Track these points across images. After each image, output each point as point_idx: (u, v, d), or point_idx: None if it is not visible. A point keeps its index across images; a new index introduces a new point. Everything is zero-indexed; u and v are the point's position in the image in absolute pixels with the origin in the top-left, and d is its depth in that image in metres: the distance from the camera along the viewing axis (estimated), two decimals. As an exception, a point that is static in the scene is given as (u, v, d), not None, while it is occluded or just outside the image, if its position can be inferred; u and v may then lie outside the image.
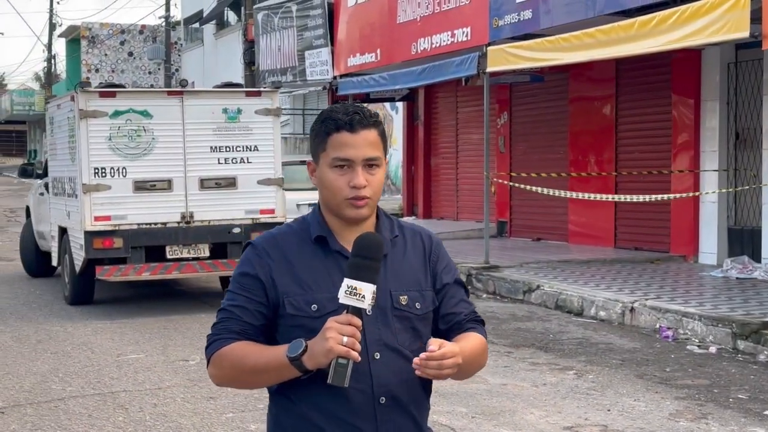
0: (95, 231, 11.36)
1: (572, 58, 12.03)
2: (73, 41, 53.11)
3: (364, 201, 2.68)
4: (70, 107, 11.92)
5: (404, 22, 16.42)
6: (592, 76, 16.13)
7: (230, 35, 36.86)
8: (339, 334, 2.45)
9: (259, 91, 12.36)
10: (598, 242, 16.26)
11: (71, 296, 12.31)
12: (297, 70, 20.17)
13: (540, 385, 8.17)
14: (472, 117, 20.33)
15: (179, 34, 46.00)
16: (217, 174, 11.81)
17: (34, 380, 8.51)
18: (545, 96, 17.64)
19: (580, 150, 16.62)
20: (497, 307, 12.12)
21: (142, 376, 8.59)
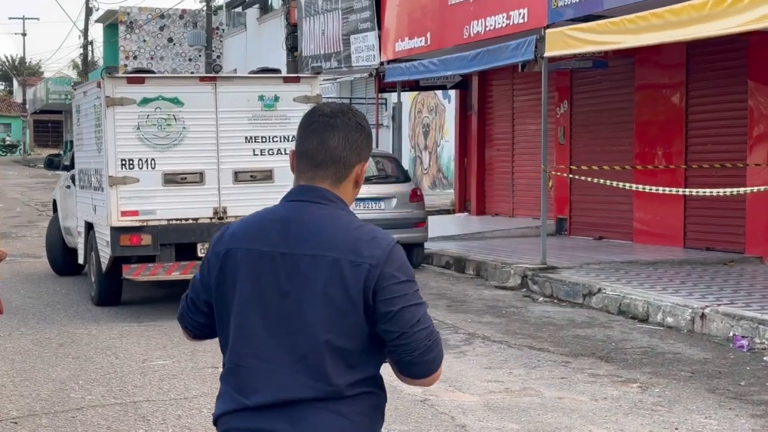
0: (122, 227, 11.20)
1: (639, 41, 11.65)
2: (111, 26, 53.36)
3: None
4: (96, 94, 11.76)
5: (456, 3, 16.10)
6: (660, 61, 15.72)
7: (274, 20, 36.76)
8: None
9: (297, 77, 12.11)
10: (665, 241, 15.84)
11: (97, 296, 12.17)
12: (342, 56, 19.93)
13: (600, 399, 7.83)
14: (530, 106, 19.97)
15: (221, 19, 46.03)
16: (253, 166, 11.59)
17: (52, 387, 8.34)
18: (609, 83, 17.25)
19: (646, 141, 16.21)
20: (554, 312, 11.78)
21: (167, 384, 8.38)
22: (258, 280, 2.84)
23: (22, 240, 20.22)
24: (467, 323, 11.08)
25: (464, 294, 13.23)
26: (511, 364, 9.07)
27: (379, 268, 2.77)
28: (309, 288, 2.79)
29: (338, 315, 2.77)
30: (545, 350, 9.64)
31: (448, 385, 8.29)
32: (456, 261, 15.59)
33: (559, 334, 10.44)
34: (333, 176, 2.89)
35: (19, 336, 10.50)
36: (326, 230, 2.82)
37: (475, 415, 7.41)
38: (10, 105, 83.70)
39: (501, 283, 13.92)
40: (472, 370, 8.84)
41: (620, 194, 15.22)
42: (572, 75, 17.96)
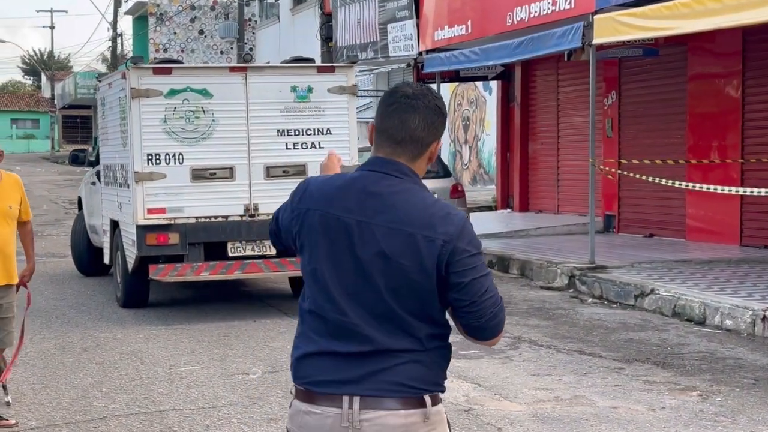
0: (148, 225, 10.98)
1: (695, 27, 11.26)
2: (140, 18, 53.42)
3: None
4: (121, 86, 11.55)
5: (499, -11, 15.76)
6: (715, 48, 15.31)
7: (308, 10, 36.50)
8: None
9: (332, 67, 11.83)
10: (720, 239, 15.43)
11: (123, 298, 11.97)
12: (378, 46, 19.64)
13: (658, 409, 7.50)
14: (576, 97, 19.57)
15: (253, 10, 45.88)
16: (285, 161, 11.34)
17: (74, 395, 8.13)
18: (660, 72, 16.84)
19: (700, 134, 15.79)
20: (605, 314, 11.43)
21: (195, 392, 8.14)
22: (334, 242, 3.17)
23: (47, 239, 20.12)
24: (513, 326, 10.76)
25: (509, 295, 12.90)
26: (561, 370, 8.75)
27: (452, 244, 3.10)
28: (383, 256, 3.12)
29: (410, 283, 3.12)
30: (596, 355, 9.31)
31: (493, 393, 8.00)
32: (499, 260, 15.27)
33: (611, 338, 10.11)
34: (410, 153, 3.22)
35: (41, 340, 10.31)
36: (403, 205, 3.14)
37: (523, 426, 7.11)
38: (38, 100, 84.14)
39: (547, 283, 13.59)
40: (519, 377, 8.54)
41: (672, 189, 14.81)
42: (620, 64, 17.56)
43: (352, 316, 3.15)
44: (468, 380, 8.44)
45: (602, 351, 9.48)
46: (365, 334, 3.13)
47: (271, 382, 8.40)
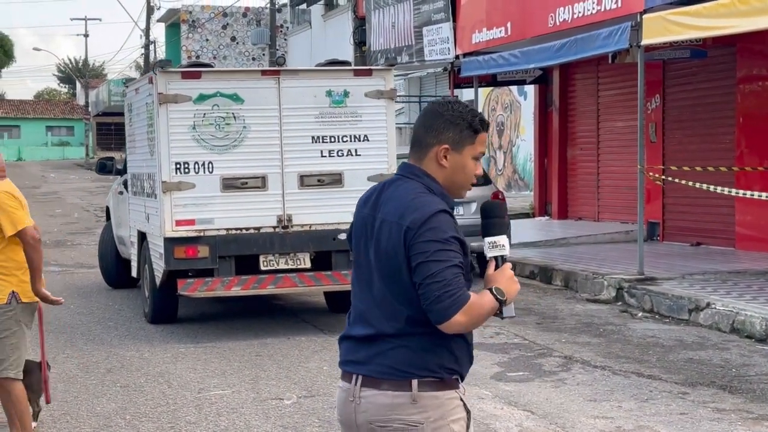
0: (177, 237, 10.29)
1: (754, 25, 10.47)
2: (173, 26, 53.05)
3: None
4: (148, 91, 10.89)
5: (540, -11, 14.99)
6: (767, 50, 14.47)
7: (340, 16, 35.93)
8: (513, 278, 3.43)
9: (369, 70, 11.10)
10: (772, 248, 14.59)
11: (151, 314, 11.30)
12: (414, 50, 18.92)
13: (732, 443, 6.72)
14: (617, 101, 18.84)
15: (285, 17, 45.37)
16: (320, 169, 10.62)
17: (95, 424, 7.45)
18: (706, 75, 16.04)
19: (750, 139, 14.98)
20: (659, 330, 10.64)
21: (225, 421, 7.43)
22: (360, 237, 3.53)
23: (77, 248, 19.53)
24: (562, 344, 10.01)
25: (554, 308, 12.14)
26: (619, 395, 7.98)
27: (414, 230, 3.31)
28: (377, 245, 3.43)
29: (392, 267, 3.38)
30: (656, 377, 8.53)
31: (548, 423, 7.25)
32: (541, 270, 14.50)
33: (669, 358, 9.32)
34: (415, 154, 3.51)
35: (65, 360, 9.64)
36: (396, 199, 3.43)
37: (585, 463, 6.35)
38: (73, 108, 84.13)
39: (593, 295, 12.81)
40: (574, 403, 7.77)
41: (720, 196, 14.01)
42: (665, 67, 16.77)
43: (365, 302, 3.49)
44: (519, 407, 7.70)
45: (662, 373, 8.71)
46: (369, 319, 3.44)
47: (307, 409, 7.68)
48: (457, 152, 3.44)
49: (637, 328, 10.79)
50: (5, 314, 6.40)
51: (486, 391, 8.18)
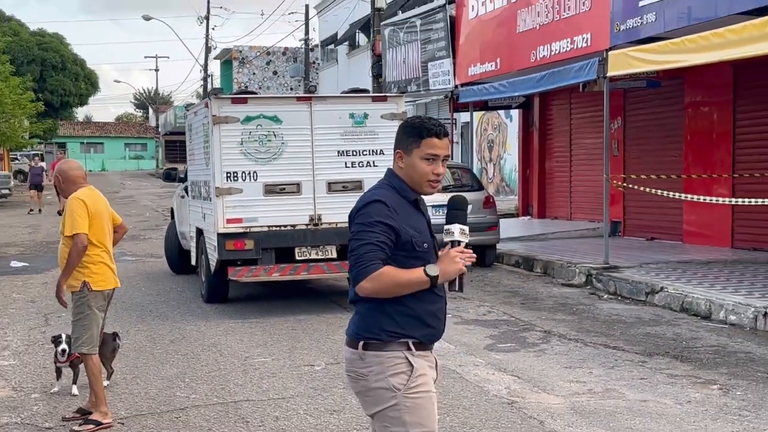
0: (227, 233, 10.15)
1: (700, 60, 10.25)
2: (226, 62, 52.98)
3: (438, 184, 3.45)
4: (204, 114, 10.74)
5: (524, 31, 14.78)
6: (709, 81, 14.26)
7: (361, 54, 35.77)
8: (461, 259, 3.34)
9: (385, 96, 10.93)
10: (714, 242, 14.38)
11: (207, 295, 11.15)
12: (420, 81, 18.73)
13: (684, 403, 6.53)
14: (586, 123, 18.62)
15: (317, 55, 45.22)
16: (345, 177, 10.46)
17: (160, 386, 7.29)
18: (660, 101, 15.82)
19: (695, 153, 14.77)
20: (621, 310, 10.45)
21: (266, 383, 7.28)
22: None
23: (148, 241, 19.41)
24: (542, 321, 9.82)
25: (535, 291, 11.96)
26: (590, 363, 7.80)
27: (351, 216, 3.41)
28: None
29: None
30: (620, 348, 8.35)
31: (532, 386, 7.07)
32: (524, 260, 14.31)
33: (630, 332, 9.13)
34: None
35: (136, 333, 9.50)
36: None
37: (563, 419, 6.17)
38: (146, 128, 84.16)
39: (567, 280, 12.63)
40: (553, 370, 7.60)
41: (671, 199, 13.82)
42: (625, 95, 16.55)
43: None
44: (508, 372, 7.52)
45: (625, 345, 8.52)
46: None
47: (333, 373, 7.52)
48: (407, 155, 3.42)
49: (604, 308, 10.60)
50: (79, 299, 6.27)
51: (480, 359, 8.01)
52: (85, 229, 6.18)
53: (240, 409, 6.57)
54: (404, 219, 3.37)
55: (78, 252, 6.15)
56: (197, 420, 6.33)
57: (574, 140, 19.16)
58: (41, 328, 9.70)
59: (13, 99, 33.41)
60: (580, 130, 18.90)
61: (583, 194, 18.71)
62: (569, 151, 19.36)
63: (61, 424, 6.29)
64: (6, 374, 7.76)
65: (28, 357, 8.40)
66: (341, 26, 37.71)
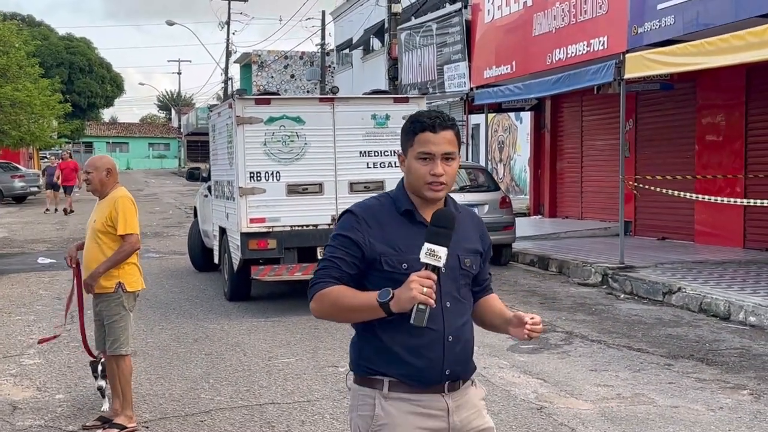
0: (250, 232, 9.75)
1: (719, 62, 9.79)
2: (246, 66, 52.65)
3: (441, 186, 2.74)
4: (228, 114, 10.34)
5: (539, 34, 14.34)
6: (721, 84, 13.79)
7: (375, 59, 35.35)
8: (420, 285, 2.52)
9: (406, 98, 10.51)
10: (725, 242, 13.91)
11: (230, 293, 10.76)
12: (436, 83, 18.30)
13: (716, 409, 6.10)
14: (597, 124, 18.14)
15: (332, 59, 44.80)
16: (366, 178, 10.05)
17: (184, 387, 6.90)
18: (671, 104, 15.34)
19: (706, 155, 14.28)
20: (640, 310, 10.01)
21: (291, 385, 6.88)
22: None
23: (171, 239, 19.03)
24: (563, 321, 9.39)
25: (553, 291, 11.52)
26: (616, 366, 7.37)
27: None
28: None
29: None
30: (644, 351, 7.91)
31: (559, 389, 6.65)
32: (539, 259, 13.86)
33: (652, 333, 8.70)
34: None
35: (160, 331, 9.11)
36: None
37: (595, 426, 5.75)
38: (169, 129, 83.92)
39: (583, 280, 12.18)
40: (579, 373, 7.17)
41: (682, 199, 13.38)
42: (637, 97, 16.07)
43: None
44: (533, 375, 7.10)
45: (648, 347, 8.09)
46: None
47: (358, 375, 7.10)
48: (406, 156, 2.78)
49: (623, 308, 10.17)
50: (114, 301, 5.86)
51: (504, 361, 7.60)
52: (138, 230, 5.82)
53: (265, 412, 6.17)
54: (381, 233, 2.71)
55: (129, 252, 5.77)
56: (222, 424, 5.93)
57: (585, 141, 18.69)
58: (67, 326, 9.30)
59: (42, 100, 33.11)
60: (592, 131, 18.44)
61: (594, 194, 18.25)
62: (580, 152, 18.90)
63: (83, 430, 5.89)
64: (31, 374, 7.39)
65: (53, 356, 8.03)
66: (356, 32, 37.29)
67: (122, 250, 5.74)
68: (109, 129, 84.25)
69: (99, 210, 5.89)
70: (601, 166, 17.77)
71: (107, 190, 5.91)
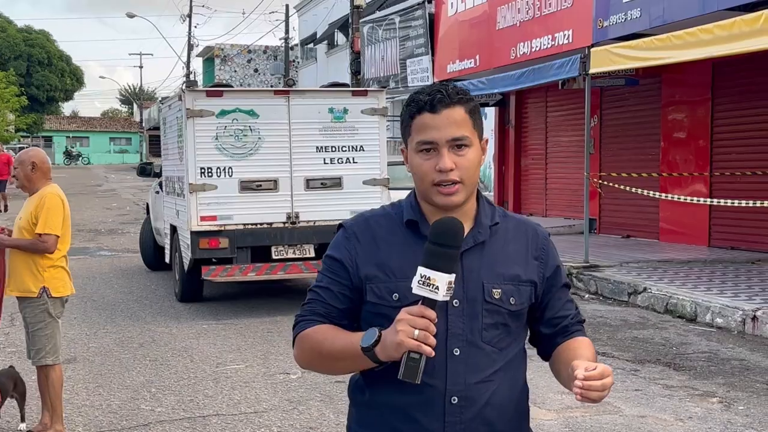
0: (201, 231, 9.32)
1: (686, 57, 9.52)
2: (208, 60, 51.97)
3: (454, 186, 1.98)
4: (178, 107, 9.89)
5: (503, 28, 14.03)
6: (687, 80, 13.56)
7: (339, 53, 34.94)
8: (410, 326, 1.80)
9: (365, 91, 10.12)
10: (690, 240, 13.69)
11: (180, 294, 10.32)
12: (399, 78, 17.96)
13: (686, 419, 5.80)
14: (562, 120, 17.88)
15: (296, 54, 44.29)
16: (323, 174, 9.65)
17: (124, 397, 6.47)
18: (636, 100, 15.10)
19: (672, 152, 14.07)
20: (605, 311, 9.72)
21: (238, 395, 6.47)
22: None
23: (125, 236, 18.50)
24: (526, 323, 9.06)
25: (516, 291, 11.19)
26: (580, 372, 7.04)
27: None
28: None
29: None
30: (609, 355, 7.60)
31: (521, 398, 6.29)
32: (503, 258, 13.54)
33: (618, 336, 8.40)
34: None
35: (104, 334, 8.65)
36: None
37: (558, 439, 5.42)
38: (131, 123, 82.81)
39: (547, 279, 11.86)
40: (542, 380, 6.81)
41: (647, 197, 13.14)
42: (602, 93, 15.82)
43: None
44: (494, 382, 6.74)
45: (614, 350, 7.79)
46: None
47: (310, 383, 6.72)
48: (407, 150, 2.06)
49: (587, 309, 9.86)
50: (38, 307, 5.40)
51: (464, 366, 7.24)
52: (59, 231, 5.34)
53: (208, 425, 5.76)
54: (372, 251, 2.05)
55: (40, 251, 5.30)
56: (161, 439, 5.52)
57: (550, 138, 18.43)
58: (5, 330, 8.82)
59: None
60: (556, 127, 18.18)
61: (559, 191, 18.00)
62: (545, 148, 18.63)
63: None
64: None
65: (-14, 362, 7.54)
66: (320, 25, 36.84)
67: (34, 244, 5.28)
68: (70, 123, 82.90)
69: (26, 207, 5.46)
70: (566, 163, 17.53)
71: (35, 186, 5.47)
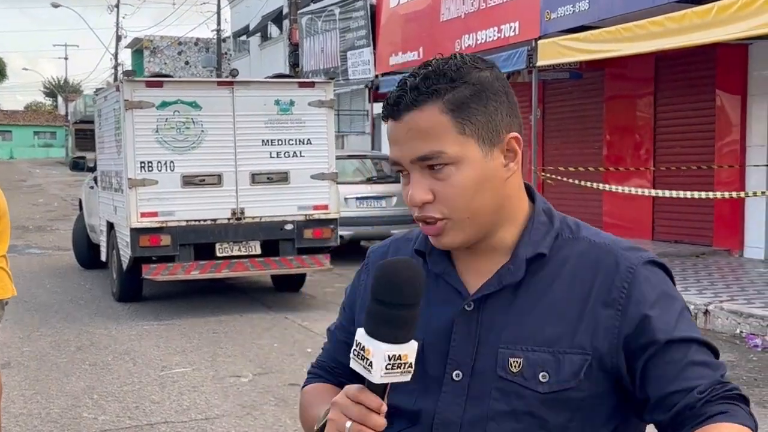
0: (141, 228, 8.94)
1: (636, 49, 9.50)
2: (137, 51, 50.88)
3: (436, 225, 1.41)
4: (116, 98, 9.48)
5: (448, 19, 13.89)
6: (630, 74, 13.62)
7: (273, 46, 34.45)
8: (341, 414, 1.25)
9: (312, 82, 9.85)
10: (634, 234, 13.74)
11: (119, 293, 9.92)
12: (339, 70, 17.69)
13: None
14: (503, 114, 17.86)
15: (229, 46, 43.62)
16: (269, 168, 9.36)
17: (64, 404, 6.11)
18: (579, 93, 15.12)
19: (616, 145, 14.13)
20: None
21: (187, 400, 6.17)
22: None
23: (55, 233, 17.86)
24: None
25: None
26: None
27: None
28: None
29: None
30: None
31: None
32: (448, 253, 13.43)
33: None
34: None
35: (38, 337, 8.23)
36: None
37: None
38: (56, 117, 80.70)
39: (494, 274, 11.78)
40: None
41: (590, 190, 13.16)
42: (544, 86, 15.80)
43: None
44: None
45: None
46: None
47: (263, 386, 6.47)
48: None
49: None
50: None
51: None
52: None
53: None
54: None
55: None
56: (108, 449, 5.21)
57: (491, 132, 18.41)
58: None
59: None
60: (498, 121, 18.16)
61: (501, 186, 18.00)
62: (486, 142, 18.60)
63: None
64: None
65: None
66: (253, 18, 36.30)
67: None
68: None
69: None
70: (508, 157, 17.54)
71: None
